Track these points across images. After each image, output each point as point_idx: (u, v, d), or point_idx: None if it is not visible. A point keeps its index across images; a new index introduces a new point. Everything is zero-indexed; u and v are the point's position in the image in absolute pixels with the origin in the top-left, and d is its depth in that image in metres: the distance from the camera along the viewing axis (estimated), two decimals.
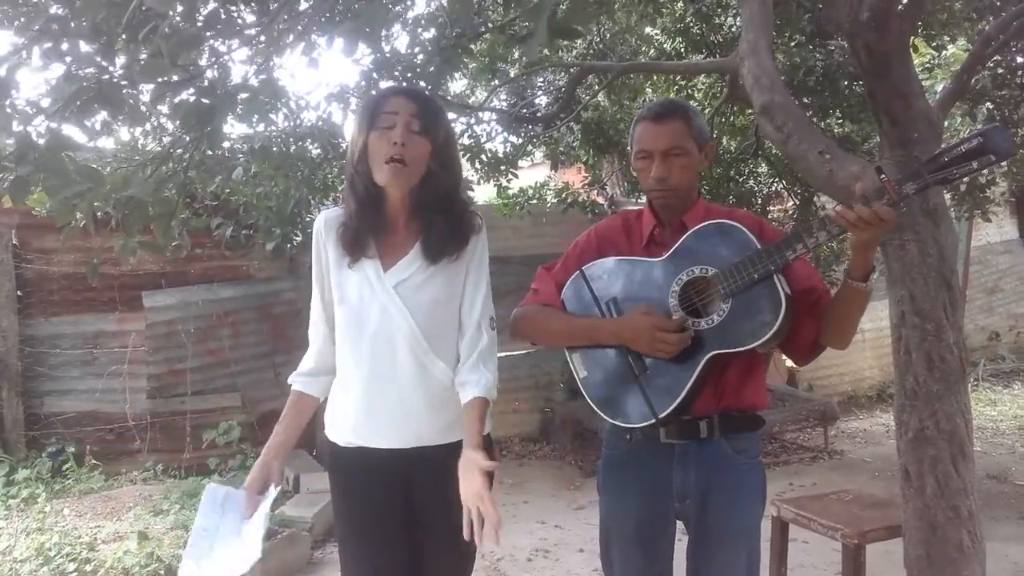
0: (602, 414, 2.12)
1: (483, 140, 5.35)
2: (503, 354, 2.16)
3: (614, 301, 2.12)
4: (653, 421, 2.02)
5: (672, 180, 2.08)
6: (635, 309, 2.05)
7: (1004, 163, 5.74)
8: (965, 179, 1.73)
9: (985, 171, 1.69)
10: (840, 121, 5.75)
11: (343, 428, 2.05)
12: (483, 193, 7.01)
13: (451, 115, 4.66)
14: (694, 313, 2.02)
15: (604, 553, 2.25)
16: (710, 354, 1.98)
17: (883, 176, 1.77)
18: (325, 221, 2.04)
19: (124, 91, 2.00)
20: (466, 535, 1.78)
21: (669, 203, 2.13)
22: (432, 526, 2.02)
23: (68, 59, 2.09)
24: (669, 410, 2.01)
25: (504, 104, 6.16)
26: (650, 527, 2.13)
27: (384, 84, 3.96)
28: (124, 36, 2.08)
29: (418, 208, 1.98)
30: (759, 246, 1.96)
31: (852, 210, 1.79)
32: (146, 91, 2.24)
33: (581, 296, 2.18)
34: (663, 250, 2.10)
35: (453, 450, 1.97)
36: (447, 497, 1.98)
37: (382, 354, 1.97)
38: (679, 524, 2.17)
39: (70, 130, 2.12)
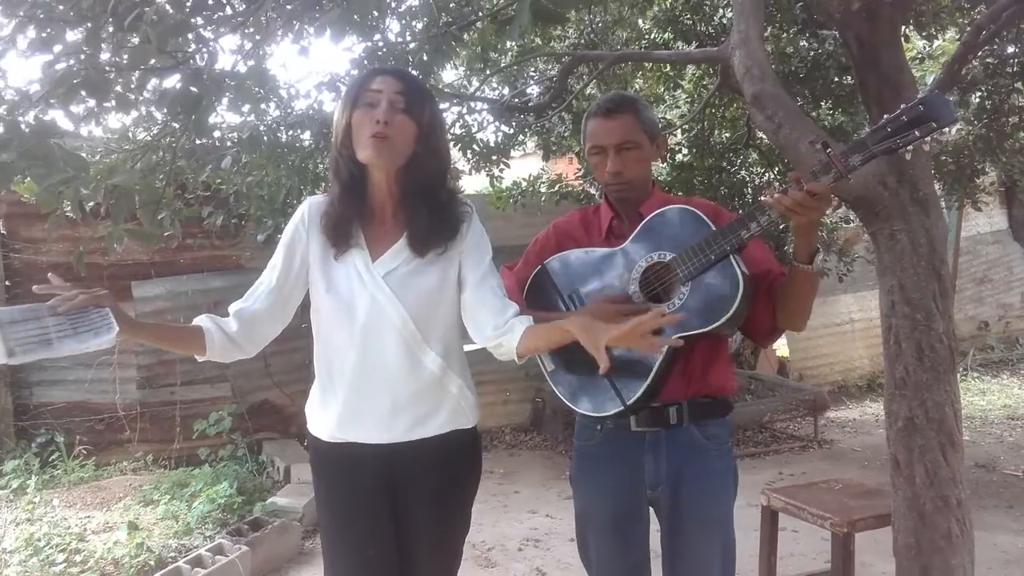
0: (572, 406, 2.13)
1: (474, 130, 5.34)
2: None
3: (576, 293, 2.13)
4: (622, 408, 2.02)
5: (627, 173, 2.11)
6: (596, 300, 2.06)
7: (999, 156, 5.77)
8: (909, 148, 1.75)
9: (928, 139, 1.70)
10: (831, 111, 5.76)
11: (327, 423, 1.99)
12: (475, 183, 6.99)
13: (443, 104, 4.65)
14: (655, 298, 2.03)
15: (581, 545, 2.26)
16: (673, 337, 1.98)
17: (829, 150, 1.79)
18: (311, 207, 1.98)
19: (110, 77, 1.98)
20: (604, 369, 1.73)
21: (625, 196, 2.16)
22: (418, 521, 1.98)
23: (54, 46, 2.07)
24: (637, 396, 2.01)
25: (496, 94, 6.13)
26: (625, 517, 2.14)
27: None
28: (110, 22, 2.06)
29: (404, 195, 1.93)
30: (714, 228, 1.97)
31: (787, 196, 1.80)
32: (134, 78, 2.21)
33: (544, 291, 2.19)
34: (622, 241, 2.12)
35: (437, 443, 1.95)
36: (433, 491, 1.96)
37: (372, 346, 1.91)
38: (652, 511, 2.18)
39: (56, 116, 2.10)
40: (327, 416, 1.99)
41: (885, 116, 1.77)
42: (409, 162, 1.90)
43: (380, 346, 1.91)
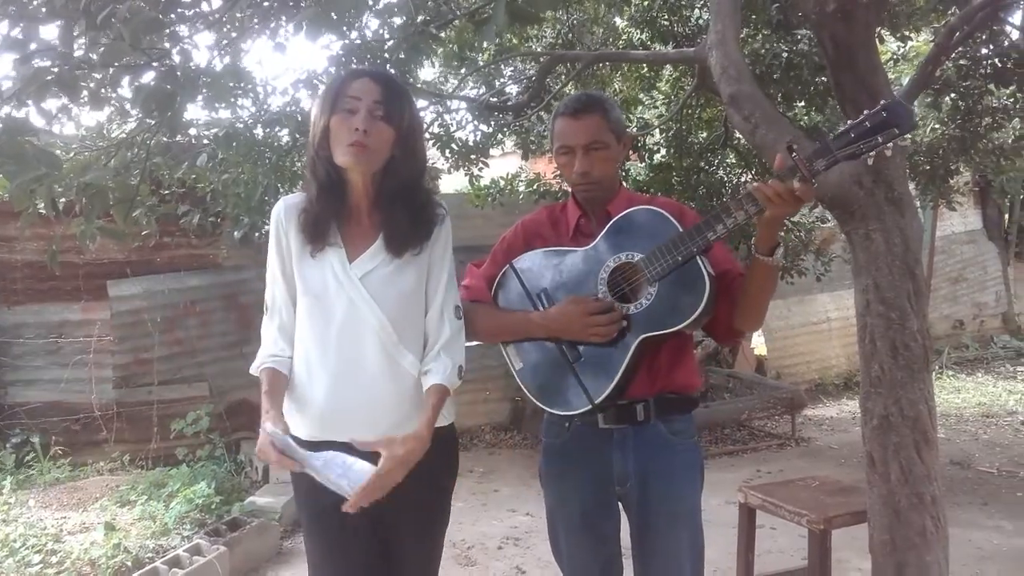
0: (541, 404, 2.16)
1: (453, 129, 5.33)
2: (473, 344, 2.15)
3: (545, 292, 2.15)
4: (590, 407, 2.05)
5: (595, 173, 2.12)
6: (565, 300, 2.08)
7: (973, 156, 5.82)
8: (872, 153, 1.77)
9: (890, 145, 1.72)
10: (807, 111, 5.79)
11: (306, 423, 1.97)
12: (453, 182, 6.97)
13: (421, 103, 4.64)
14: (623, 299, 2.05)
15: (553, 542, 2.28)
16: (640, 337, 2.01)
17: (794, 154, 1.80)
18: (285, 207, 1.98)
19: (83, 74, 1.96)
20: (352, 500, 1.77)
21: (593, 195, 2.17)
22: (401, 518, 1.98)
23: (26, 43, 2.04)
24: (605, 395, 2.03)
25: (474, 92, 6.12)
26: (594, 513, 2.16)
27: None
28: (83, 19, 2.04)
29: (381, 197, 1.94)
30: (681, 229, 1.99)
31: (769, 185, 1.81)
32: (108, 73, 2.19)
33: (513, 290, 2.20)
34: (590, 240, 2.14)
35: None
36: (414, 488, 1.93)
37: (350, 347, 1.91)
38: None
39: (29, 113, 2.07)
40: (306, 417, 1.97)
41: (848, 122, 1.79)
42: (387, 165, 1.91)
43: (358, 347, 1.91)
